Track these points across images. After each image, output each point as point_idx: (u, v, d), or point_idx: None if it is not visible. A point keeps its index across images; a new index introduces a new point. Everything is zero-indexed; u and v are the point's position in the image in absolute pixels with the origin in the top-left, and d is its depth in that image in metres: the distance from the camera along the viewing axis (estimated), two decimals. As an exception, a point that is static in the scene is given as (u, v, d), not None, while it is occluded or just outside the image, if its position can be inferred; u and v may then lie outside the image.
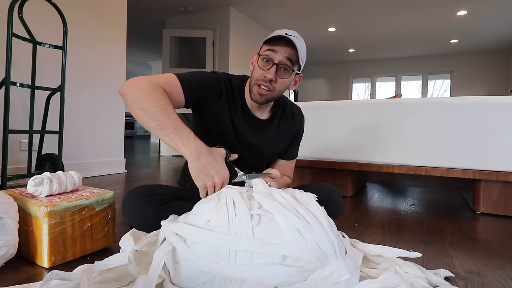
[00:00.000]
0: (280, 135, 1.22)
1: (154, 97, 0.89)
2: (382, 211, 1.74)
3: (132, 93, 0.91)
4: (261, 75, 1.03)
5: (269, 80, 1.02)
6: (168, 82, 0.98)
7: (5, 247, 0.84)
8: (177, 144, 0.86)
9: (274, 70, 1.01)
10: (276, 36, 1.00)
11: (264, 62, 1.02)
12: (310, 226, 0.70)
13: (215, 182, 0.83)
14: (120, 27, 3.00)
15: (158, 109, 0.87)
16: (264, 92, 1.04)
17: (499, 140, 1.65)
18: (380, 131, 1.91)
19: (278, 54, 1.00)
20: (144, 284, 0.63)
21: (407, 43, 6.35)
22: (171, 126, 0.86)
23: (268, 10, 4.74)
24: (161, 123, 0.87)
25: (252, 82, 1.07)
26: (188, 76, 1.04)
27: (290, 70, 1.03)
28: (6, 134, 1.79)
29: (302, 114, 1.31)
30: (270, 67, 1.01)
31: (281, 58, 1.01)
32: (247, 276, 0.64)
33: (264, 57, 1.02)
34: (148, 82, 0.92)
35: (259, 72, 1.03)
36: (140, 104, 0.88)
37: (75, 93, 2.61)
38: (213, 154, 0.87)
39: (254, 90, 1.05)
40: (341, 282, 0.67)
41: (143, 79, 0.93)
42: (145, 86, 0.91)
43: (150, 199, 1.02)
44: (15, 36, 1.83)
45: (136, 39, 6.28)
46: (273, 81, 1.02)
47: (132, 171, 3.15)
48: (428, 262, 1.03)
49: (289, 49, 1.00)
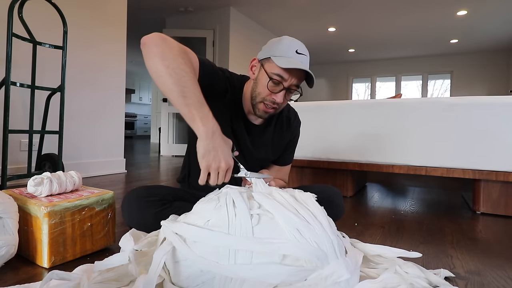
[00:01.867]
0: (275, 141, 1.20)
1: (184, 61, 0.83)
2: (382, 211, 1.74)
3: (162, 47, 0.82)
4: (269, 96, 1.00)
5: (278, 103, 1.01)
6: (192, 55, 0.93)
7: (5, 247, 0.84)
8: (194, 117, 0.80)
9: (283, 94, 1.00)
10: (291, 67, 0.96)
11: (274, 85, 0.99)
12: (309, 226, 0.70)
13: (221, 166, 0.80)
14: (120, 27, 3.00)
15: (187, 74, 0.81)
16: (270, 111, 1.04)
17: (499, 140, 1.65)
18: (380, 131, 1.91)
19: (290, 80, 0.98)
20: (144, 284, 0.63)
21: (407, 43, 6.35)
22: (195, 97, 0.81)
23: (268, 10, 4.74)
24: (186, 90, 0.80)
25: (257, 98, 1.03)
26: (206, 63, 0.98)
27: (297, 92, 1.03)
28: (6, 134, 1.79)
29: (298, 120, 1.29)
30: (280, 90, 0.99)
31: (292, 83, 0.99)
32: (247, 275, 0.64)
33: (274, 80, 0.98)
34: (179, 46, 0.86)
35: (266, 92, 1.00)
36: (168, 61, 0.81)
37: (75, 93, 2.61)
38: (225, 139, 0.84)
39: (260, 107, 1.03)
40: (341, 282, 0.67)
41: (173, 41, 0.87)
42: (176, 47, 0.84)
43: (149, 200, 1.02)
44: (15, 36, 1.83)
45: (136, 39, 6.25)
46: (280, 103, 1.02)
47: (132, 171, 3.15)
48: (428, 262, 1.03)
49: (301, 75, 0.99)
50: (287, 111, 1.24)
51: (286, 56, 0.97)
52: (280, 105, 1.04)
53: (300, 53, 0.99)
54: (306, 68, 0.97)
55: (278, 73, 0.98)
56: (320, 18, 5.07)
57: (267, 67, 1.00)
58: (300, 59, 0.98)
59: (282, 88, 0.99)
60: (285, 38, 1.02)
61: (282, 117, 1.21)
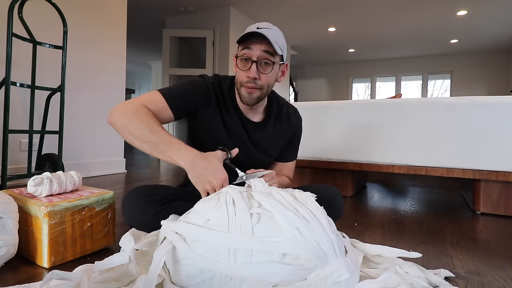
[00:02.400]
0: (275, 138, 1.20)
1: (139, 120, 0.91)
2: (382, 211, 1.74)
3: (120, 121, 0.93)
4: (244, 76, 1.02)
5: (253, 78, 1.00)
6: (152, 101, 0.99)
7: (5, 247, 0.84)
8: (171, 158, 0.89)
9: (255, 68, 1.00)
10: (247, 34, 0.98)
11: (243, 62, 1.01)
12: (309, 225, 0.70)
13: (214, 185, 0.86)
14: (120, 27, 3.00)
15: (145, 130, 0.90)
16: (251, 90, 1.03)
17: (499, 140, 1.64)
18: (380, 131, 1.91)
19: (254, 51, 0.99)
20: (144, 283, 0.63)
21: (407, 43, 6.35)
22: (161, 143, 0.89)
23: (268, 10, 4.74)
24: (151, 143, 0.90)
25: (238, 85, 1.05)
26: (172, 90, 1.03)
27: (271, 63, 1.01)
28: (6, 134, 1.79)
29: (299, 116, 1.28)
30: (250, 65, 1.00)
31: (258, 53, 0.99)
32: (246, 274, 0.64)
33: (241, 57, 1.01)
34: (132, 106, 0.95)
35: (241, 73, 1.02)
36: (128, 130, 0.92)
37: (75, 93, 2.61)
38: (208, 159, 0.89)
39: (242, 92, 1.04)
40: (341, 282, 0.67)
41: (127, 103, 0.96)
42: (129, 110, 0.93)
43: (150, 199, 1.02)
44: (15, 36, 1.83)
45: (136, 39, 6.28)
46: (257, 79, 1.01)
47: (132, 171, 3.15)
48: (428, 262, 1.03)
49: (264, 42, 0.98)
50: (286, 108, 1.23)
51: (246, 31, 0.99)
52: (261, 84, 1.02)
53: (261, 28, 0.98)
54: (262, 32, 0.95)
55: (241, 48, 1.00)
56: (320, 18, 5.07)
57: (238, 53, 1.03)
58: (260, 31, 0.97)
59: (250, 62, 0.99)
60: None
61: (281, 113, 1.21)
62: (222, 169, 0.89)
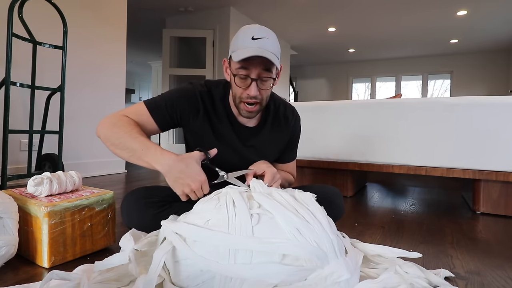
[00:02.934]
0: (272, 141, 1.16)
1: (119, 129, 0.92)
2: (382, 211, 1.74)
3: (103, 133, 0.95)
4: (243, 93, 0.97)
5: (254, 96, 0.97)
6: (136, 112, 0.99)
7: (5, 247, 0.84)
8: (148, 163, 0.88)
9: (255, 85, 0.95)
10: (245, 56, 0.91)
11: (242, 80, 0.96)
12: (309, 225, 0.70)
13: (192, 188, 0.85)
14: (120, 27, 3.00)
15: (123, 138, 0.91)
16: (252, 109, 0.99)
17: (499, 140, 1.64)
18: (380, 131, 1.91)
19: (253, 70, 0.94)
20: (144, 284, 0.63)
21: (407, 43, 6.35)
22: (138, 148, 0.89)
23: (268, 10, 4.74)
24: (129, 149, 0.90)
25: (236, 100, 1.01)
26: (158, 101, 1.02)
27: (270, 78, 0.97)
28: (6, 134, 1.79)
29: (297, 115, 1.23)
30: (250, 84, 0.95)
31: (257, 72, 0.94)
32: (246, 275, 0.64)
33: (240, 75, 0.95)
34: (115, 117, 0.96)
35: (240, 90, 0.98)
36: (110, 140, 0.93)
37: (75, 93, 2.61)
38: (185, 161, 0.86)
39: (241, 107, 1.00)
40: (341, 282, 0.67)
41: (112, 116, 0.97)
42: (111, 121, 0.95)
43: (149, 201, 1.02)
44: (15, 36, 1.83)
45: (136, 39, 6.27)
46: (257, 95, 0.97)
47: (132, 171, 3.15)
48: (428, 262, 1.03)
49: (263, 60, 0.92)
50: (283, 109, 1.17)
51: (242, 48, 0.93)
52: (260, 98, 0.99)
53: (257, 38, 0.92)
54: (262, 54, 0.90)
55: (239, 67, 0.94)
56: (320, 18, 5.07)
57: (232, 66, 0.98)
58: (257, 44, 0.92)
59: (250, 81, 0.95)
60: (240, 30, 0.98)
61: (279, 116, 1.16)
62: (200, 170, 0.86)
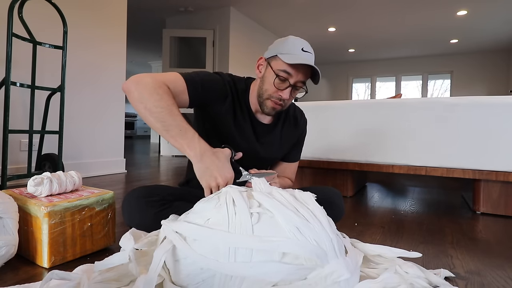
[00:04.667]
0: (283, 140, 1.22)
1: (160, 97, 0.87)
2: (382, 211, 1.74)
3: (137, 91, 0.88)
4: (276, 93, 1.03)
5: (284, 99, 1.04)
6: (173, 81, 0.96)
7: (5, 247, 0.84)
8: (182, 145, 0.87)
9: (289, 91, 1.03)
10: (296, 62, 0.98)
11: (280, 82, 1.02)
12: (309, 224, 0.70)
13: (219, 182, 0.85)
14: (120, 27, 3.00)
15: (163, 109, 0.86)
16: (277, 107, 1.06)
17: (499, 140, 1.64)
18: (380, 131, 1.91)
19: (295, 76, 1.01)
20: (144, 283, 0.63)
21: (407, 43, 6.35)
22: (176, 127, 0.86)
23: (268, 10, 4.74)
24: (166, 124, 0.86)
25: (264, 96, 1.05)
26: (194, 77, 1.01)
27: (302, 89, 1.06)
28: (6, 134, 1.79)
29: (305, 118, 1.31)
30: (286, 87, 1.02)
31: (298, 79, 1.02)
32: (246, 273, 0.64)
33: (280, 77, 1.01)
34: (153, 80, 0.89)
35: (273, 89, 1.03)
36: (145, 103, 0.87)
37: (75, 93, 2.61)
38: (217, 155, 0.88)
39: (268, 104, 1.05)
40: (341, 282, 0.67)
41: (148, 77, 0.90)
42: (150, 84, 0.88)
43: (150, 200, 1.02)
44: (15, 36, 1.83)
45: (136, 39, 6.28)
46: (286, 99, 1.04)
47: (132, 171, 3.15)
48: (428, 262, 1.03)
49: (307, 71, 1.01)
50: (293, 110, 1.25)
51: (292, 53, 1.00)
52: (286, 102, 1.06)
53: (306, 51, 1.01)
54: (311, 64, 0.99)
55: (284, 69, 1.00)
56: (320, 18, 5.07)
57: (273, 65, 1.03)
58: (305, 56, 1.00)
59: (288, 85, 1.02)
60: (291, 37, 1.05)
61: (289, 116, 1.23)
62: (230, 167, 0.89)
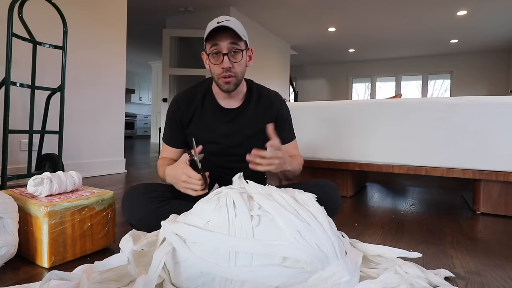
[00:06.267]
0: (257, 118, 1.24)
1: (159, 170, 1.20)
2: (382, 211, 1.74)
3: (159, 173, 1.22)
4: (219, 69, 1.10)
5: (227, 68, 1.09)
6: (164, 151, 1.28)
7: (5, 247, 0.84)
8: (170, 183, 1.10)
9: (227, 59, 1.08)
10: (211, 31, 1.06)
11: (215, 57, 1.10)
12: (310, 227, 0.70)
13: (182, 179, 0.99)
14: (120, 28, 3.00)
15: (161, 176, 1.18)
16: (229, 80, 1.11)
17: (499, 140, 1.64)
18: (380, 131, 1.91)
19: (222, 44, 1.07)
20: (144, 284, 0.63)
21: (407, 43, 6.35)
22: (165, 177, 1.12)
23: (268, 10, 4.74)
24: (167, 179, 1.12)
25: (215, 78, 1.14)
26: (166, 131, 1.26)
27: (240, 51, 1.10)
28: (6, 134, 1.79)
29: (280, 98, 1.32)
30: (222, 59, 1.08)
31: (226, 45, 1.07)
32: (247, 277, 0.64)
33: (211, 53, 1.09)
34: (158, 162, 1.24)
35: (215, 67, 1.11)
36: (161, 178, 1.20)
37: (75, 93, 2.61)
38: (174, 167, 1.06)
39: (220, 82, 1.13)
40: (341, 283, 0.67)
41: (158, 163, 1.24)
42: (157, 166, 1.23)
43: (149, 195, 1.06)
44: (15, 36, 1.83)
45: (136, 39, 6.28)
46: (231, 68, 1.09)
47: (132, 171, 3.15)
48: (428, 262, 1.03)
49: (228, 34, 1.07)
50: (267, 92, 1.29)
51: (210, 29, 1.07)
52: (235, 72, 1.11)
53: (221, 21, 1.06)
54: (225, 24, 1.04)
55: (210, 45, 1.09)
56: (320, 18, 5.07)
57: (206, 51, 1.13)
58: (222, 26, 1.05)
59: (221, 55, 1.08)
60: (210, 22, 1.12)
61: (262, 96, 1.27)
62: (184, 166, 1.00)
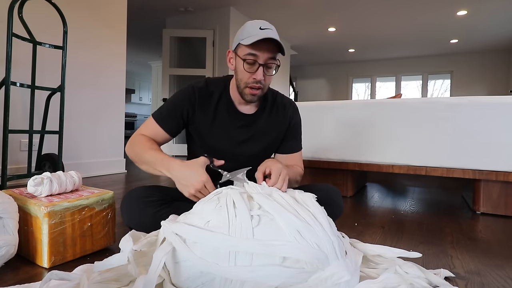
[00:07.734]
0: (270, 126, 1.21)
1: (136, 147, 1.05)
2: (382, 211, 1.74)
3: (128, 154, 1.09)
4: (250, 78, 1.04)
5: (259, 81, 1.03)
6: (148, 128, 1.11)
7: (5, 247, 0.84)
8: (162, 172, 0.97)
9: (262, 71, 1.03)
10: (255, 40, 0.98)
11: (249, 65, 1.03)
12: (310, 227, 0.70)
13: (196, 187, 0.88)
14: (120, 28, 3.00)
15: (140, 155, 1.02)
16: (256, 92, 1.06)
17: (499, 140, 1.64)
18: (380, 131, 1.91)
19: (261, 55, 1.01)
20: (144, 284, 0.63)
21: (407, 43, 6.35)
22: (152, 161, 0.99)
23: (268, 10, 4.74)
24: (146, 163, 1.01)
25: (241, 85, 1.07)
26: (162, 111, 1.13)
27: (275, 65, 1.05)
28: (6, 134, 1.79)
29: (294, 105, 1.29)
30: (257, 68, 1.02)
31: (265, 57, 1.02)
32: (247, 277, 0.64)
33: (248, 60, 1.02)
34: (133, 137, 1.09)
35: (246, 75, 1.04)
36: (133, 158, 1.06)
37: (75, 93, 2.61)
38: (188, 165, 0.93)
39: (246, 92, 1.06)
40: (341, 284, 0.67)
41: (131, 137, 1.10)
42: (131, 142, 1.08)
43: (148, 200, 1.03)
44: (15, 36, 1.83)
45: (136, 39, 6.27)
46: (262, 80, 1.04)
47: (132, 171, 3.14)
48: (428, 262, 1.03)
49: (270, 47, 1.01)
50: (281, 99, 1.24)
51: (251, 35, 1.00)
52: (264, 84, 1.06)
53: (264, 28, 1.01)
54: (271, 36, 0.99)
55: (248, 52, 1.01)
56: (320, 18, 5.07)
57: (239, 53, 1.04)
58: (264, 33, 1.00)
59: (258, 65, 1.02)
60: (247, 23, 1.06)
61: (276, 103, 1.22)
62: (202, 172, 0.91)
